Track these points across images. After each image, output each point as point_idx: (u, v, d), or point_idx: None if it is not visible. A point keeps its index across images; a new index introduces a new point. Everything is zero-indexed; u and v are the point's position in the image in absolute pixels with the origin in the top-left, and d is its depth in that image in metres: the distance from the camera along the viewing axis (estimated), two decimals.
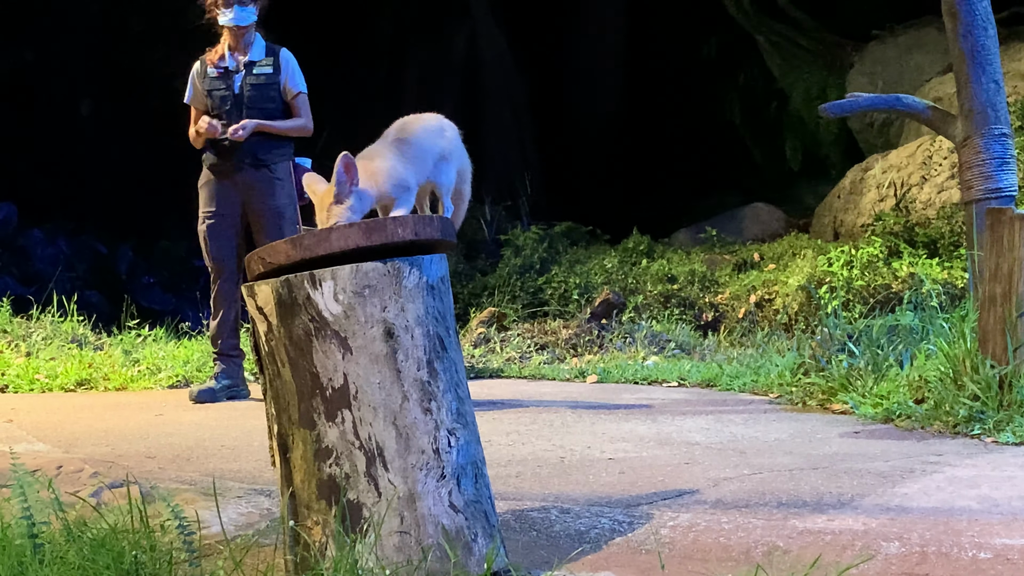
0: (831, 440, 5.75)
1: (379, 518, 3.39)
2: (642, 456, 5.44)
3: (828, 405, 6.88)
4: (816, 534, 3.85)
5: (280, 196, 8.18)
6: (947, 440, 5.63)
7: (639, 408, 7.21)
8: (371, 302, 3.46)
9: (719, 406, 7.21)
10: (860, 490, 4.54)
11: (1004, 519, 3.99)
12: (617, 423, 6.53)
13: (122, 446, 5.92)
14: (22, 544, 3.61)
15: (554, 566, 3.62)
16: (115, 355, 10.08)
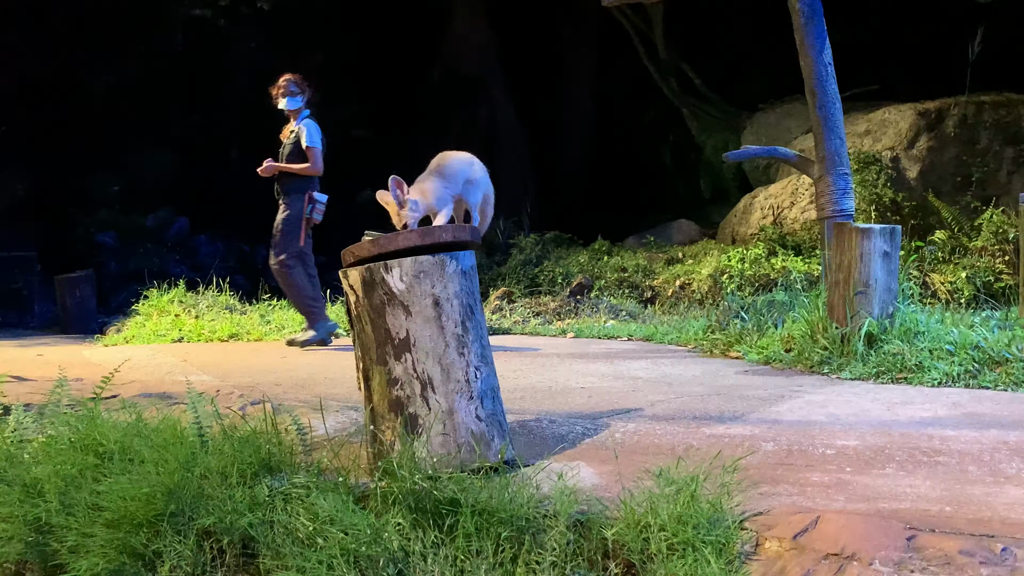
0: (729, 376, 5.74)
1: (429, 425, 3.38)
2: (603, 386, 5.41)
3: (727, 353, 6.87)
4: (718, 437, 3.84)
5: (285, 214, 8.09)
6: (806, 376, 5.62)
7: (602, 355, 7.19)
8: (424, 282, 3.44)
9: (655, 354, 7.19)
10: (748, 408, 4.52)
11: (843, 428, 3.98)
12: (587, 364, 6.51)
13: (258, 378, 5.90)
14: (193, 440, 3.62)
15: (544, 456, 3.62)
16: (254, 318, 10.07)
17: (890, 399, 4.68)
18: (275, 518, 3.09)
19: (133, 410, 3.99)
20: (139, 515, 3.18)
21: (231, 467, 3.35)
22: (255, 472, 3.37)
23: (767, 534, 2.62)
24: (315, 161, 8.09)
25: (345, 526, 2.95)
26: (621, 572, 2.69)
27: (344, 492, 3.15)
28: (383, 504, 3.08)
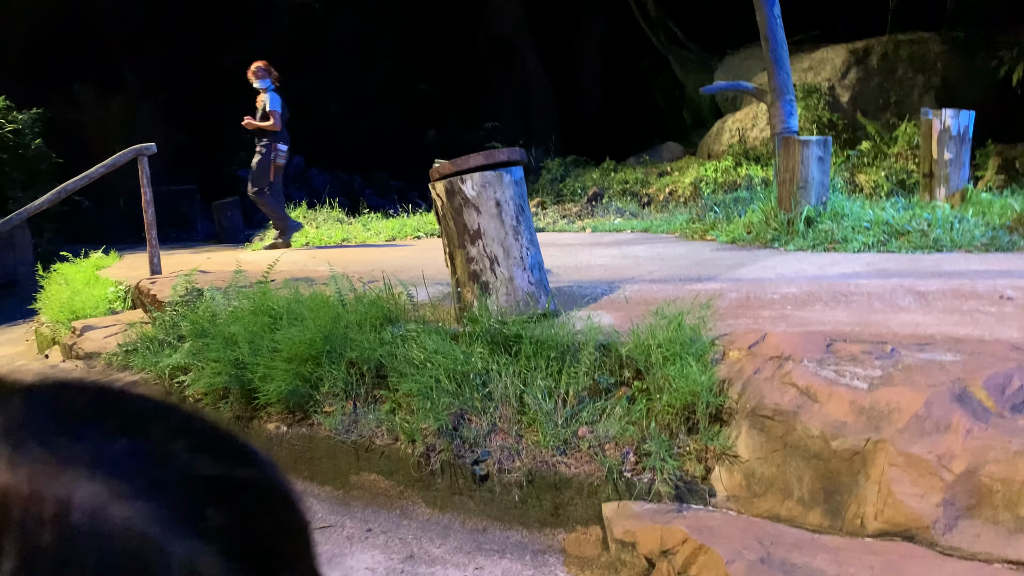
0: (705, 252, 5.90)
1: (496, 288, 3.65)
2: (614, 263, 5.61)
3: (704, 237, 7.02)
4: (697, 291, 4.06)
5: (257, 158, 8.40)
6: (762, 250, 5.77)
7: (612, 243, 7.36)
8: (489, 190, 3.67)
9: (651, 240, 7.36)
10: (718, 272, 4.73)
11: (786, 282, 4.20)
12: (602, 249, 6.70)
13: (367, 267, 6.12)
14: (336, 304, 3.93)
15: (576, 308, 3.88)
16: (357, 227, 10.23)
17: (821, 262, 4.87)
18: (397, 352, 3.41)
19: (291, 286, 4.32)
20: (305, 353, 3.53)
21: (364, 320, 3.67)
22: (380, 323, 3.69)
23: (730, 347, 2.90)
24: (275, 121, 8.33)
25: (445, 355, 3.27)
26: (632, 375, 2.99)
27: (443, 333, 3.46)
28: (469, 340, 3.39)
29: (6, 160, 9.33)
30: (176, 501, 0.24)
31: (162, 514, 0.23)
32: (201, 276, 5.25)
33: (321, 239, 9.49)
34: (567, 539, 2.77)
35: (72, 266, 6.82)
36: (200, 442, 0.27)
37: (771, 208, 6.15)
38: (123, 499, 0.23)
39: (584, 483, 2.79)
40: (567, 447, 2.88)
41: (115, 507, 0.23)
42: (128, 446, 0.25)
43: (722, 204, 7.62)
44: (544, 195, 12.58)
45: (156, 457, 0.25)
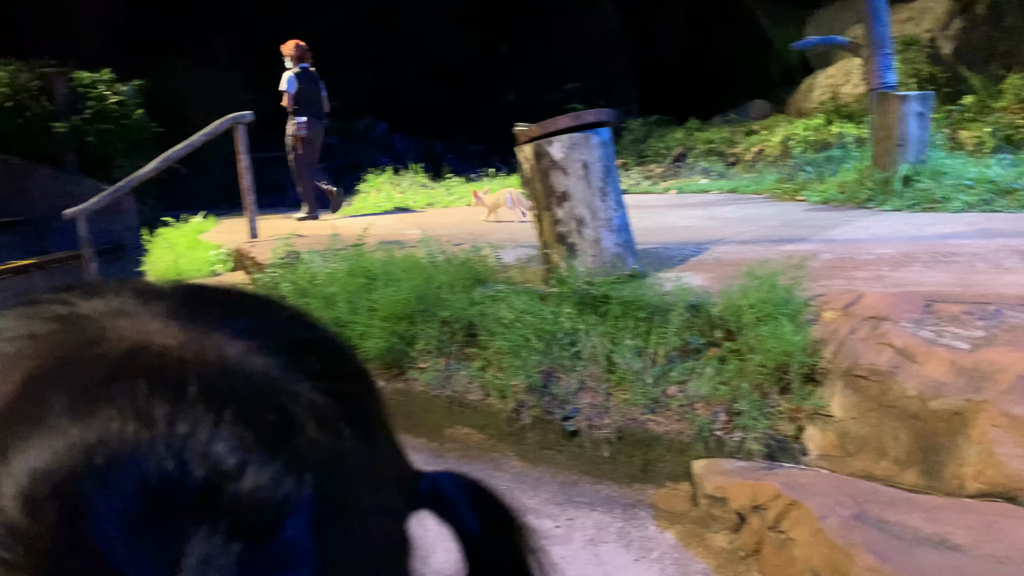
0: (796, 213, 5.80)
1: (583, 250, 3.69)
2: (701, 224, 5.57)
3: (794, 197, 6.86)
4: (789, 252, 4.00)
5: (287, 134, 8.55)
6: (855, 210, 5.62)
7: (698, 204, 7.29)
8: (576, 152, 3.69)
9: (738, 201, 7.24)
10: (810, 233, 4.65)
11: (881, 242, 4.10)
12: (687, 211, 6.64)
13: (453, 230, 6.23)
14: (427, 265, 4.05)
15: (663, 269, 3.90)
16: (441, 191, 10.41)
17: (919, 222, 4.71)
18: (487, 311, 3.51)
19: (384, 249, 4.47)
20: (400, 312, 3.67)
21: (455, 281, 3.79)
22: (470, 283, 3.79)
23: (825, 308, 2.87)
24: (288, 101, 8.43)
25: (534, 314, 3.35)
26: (723, 336, 3.01)
27: (531, 294, 3.54)
28: (557, 301, 3.46)
29: (111, 130, 9.84)
30: (292, 358, 0.33)
31: (285, 365, 0.32)
32: (298, 239, 5.47)
33: (406, 203, 9.70)
34: (656, 494, 2.84)
35: (175, 231, 7.19)
36: (296, 314, 0.38)
37: (866, 167, 5.96)
38: (257, 354, 0.32)
39: (674, 441, 2.84)
40: (656, 406, 2.93)
41: (254, 359, 0.32)
42: (250, 320, 0.34)
43: (813, 163, 7.41)
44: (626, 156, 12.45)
45: (270, 327, 0.35)
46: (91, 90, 9.89)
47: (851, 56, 10.51)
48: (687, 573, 2.42)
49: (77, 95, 9.88)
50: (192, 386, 0.30)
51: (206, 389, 0.30)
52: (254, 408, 0.30)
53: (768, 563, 2.24)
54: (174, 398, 0.29)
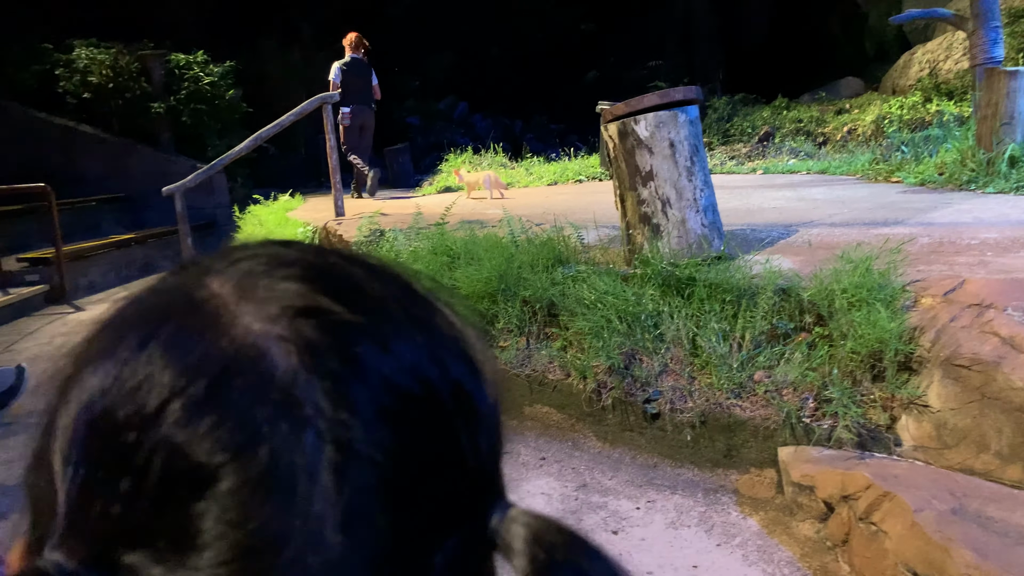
0: (891, 195, 5.57)
1: (668, 231, 3.64)
2: (789, 206, 5.41)
3: (889, 179, 6.59)
4: (884, 236, 3.85)
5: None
6: (956, 193, 5.37)
7: (786, 185, 7.07)
8: (663, 130, 3.64)
9: (829, 182, 7.00)
10: (907, 216, 4.46)
11: (985, 226, 3.90)
12: (774, 192, 6.46)
13: (533, 210, 6.24)
14: (509, 245, 4.08)
15: (750, 252, 3.80)
16: (520, 172, 10.40)
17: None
18: (568, 291, 3.51)
19: (465, 228, 4.52)
20: (481, 291, 3.71)
21: (536, 261, 3.80)
22: (551, 263, 3.80)
23: (923, 294, 2.76)
24: (330, 87, 8.41)
25: (616, 296, 3.33)
26: (813, 321, 2.93)
27: (613, 275, 3.52)
28: (640, 282, 3.43)
29: (204, 110, 10.22)
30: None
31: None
32: (382, 218, 5.58)
33: None
34: (740, 480, 2.80)
35: (264, 208, 7.43)
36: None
37: (968, 147, 5.66)
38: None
39: (759, 427, 2.79)
40: (742, 390, 2.88)
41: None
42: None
43: (910, 143, 7.08)
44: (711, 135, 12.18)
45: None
46: (186, 72, 10.28)
47: (953, 30, 9.98)
48: (771, 560, 2.38)
49: (173, 76, 10.29)
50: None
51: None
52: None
53: (857, 555, 2.18)
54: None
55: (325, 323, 0.33)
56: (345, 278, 0.36)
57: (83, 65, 9.82)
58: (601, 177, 9.33)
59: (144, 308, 0.35)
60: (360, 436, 0.31)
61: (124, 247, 8.15)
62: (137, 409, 0.31)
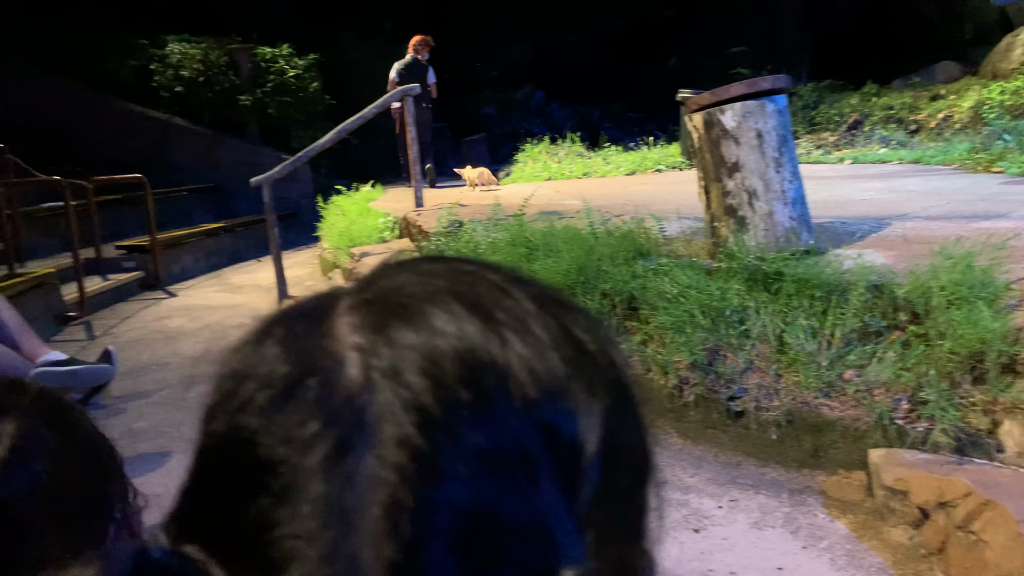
0: (992, 186, 5.31)
1: (754, 223, 3.57)
2: (880, 198, 5.23)
3: (989, 169, 6.28)
4: (984, 230, 3.69)
5: None
6: None
7: (876, 175, 6.83)
8: (750, 120, 3.56)
9: (923, 172, 6.71)
10: (1010, 209, 4.25)
11: None
12: (864, 183, 6.25)
13: (611, 200, 6.16)
14: (588, 236, 4.06)
15: (840, 246, 3.69)
16: (598, 161, 10.30)
17: None
18: (649, 285, 3.47)
19: (543, 220, 4.52)
20: (560, 284, 3.70)
21: (616, 253, 3.77)
22: (632, 256, 3.76)
23: None
24: (388, 86, 8.87)
25: (699, 290, 3.28)
26: (908, 319, 2.82)
27: (696, 268, 3.47)
28: (725, 276, 3.37)
29: (289, 102, 10.51)
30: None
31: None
32: (460, 209, 5.63)
33: (563, 173, 9.70)
34: (827, 481, 2.72)
35: (347, 198, 7.61)
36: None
37: None
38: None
39: (849, 427, 2.71)
40: (831, 390, 2.80)
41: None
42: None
43: (1013, 131, 6.72)
44: (796, 124, 11.76)
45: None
46: (272, 64, 10.58)
47: None
48: (860, 566, 2.31)
49: (259, 69, 10.61)
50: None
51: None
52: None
53: (954, 564, 2.10)
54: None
55: (432, 367, 0.32)
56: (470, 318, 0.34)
57: (176, 60, 10.23)
58: (681, 167, 9.18)
59: (288, 309, 0.37)
60: (426, 490, 0.29)
61: (214, 235, 8.47)
62: (236, 396, 0.33)
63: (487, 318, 0.33)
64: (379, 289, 0.35)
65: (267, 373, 0.32)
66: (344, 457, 0.30)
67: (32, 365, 3.62)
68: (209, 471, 0.33)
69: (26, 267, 6.19)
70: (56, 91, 9.82)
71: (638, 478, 0.36)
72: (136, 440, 3.48)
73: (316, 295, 0.37)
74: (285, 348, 0.33)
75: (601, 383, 0.35)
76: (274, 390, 0.32)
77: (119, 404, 3.97)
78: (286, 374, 0.32)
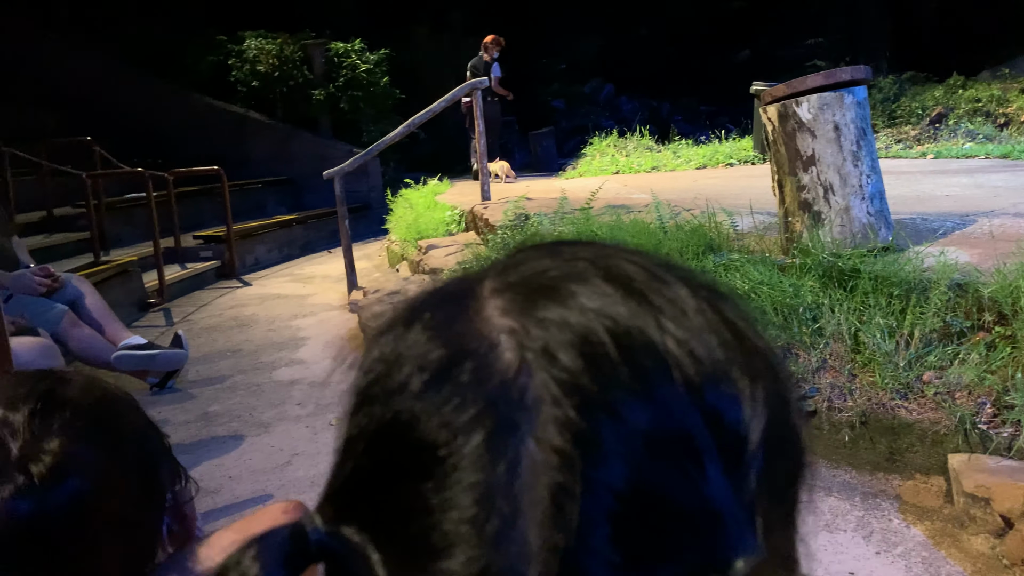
0: None
1: (830, 219, 3.48)
2: (965, 194, 5.02)
3: None
4: None
5: None
6: None
7: (961, 170, 6.55)
8: (827, 112, 3.47)
9: (1012, 168, 6.41)
10: None
11: None
12: (948, 178, 6.00)
13: (680, 195, 6.05)
14: (657, 231, 4.02)
15: (922, 243, 3.57)
16: (667, 155, 10.21)
17: None
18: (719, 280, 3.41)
19: (610, 213, 4.49)
20: None
21: (685, 247, 3.73)
22: (702, 251, 3.71)
23: None
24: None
25: (772, 286, 3.21)
26: (993, 319, 2.71)
27: (769, 264, 3.40)
28: (799, 273, 3.29)
29: (360, 97, 10.69)
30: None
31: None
32: (527, 202, 5.64)
33: (631, 167, 9.63)
34: (903, 486, 2.63)
35: (415, 192, 7.70)
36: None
37: None
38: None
39: (927, 431, 2.62)
40: (908, 391, 2.71)
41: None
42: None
43: None
44: (875, 117, 11.39)
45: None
46: (344, 59, 10.79)
47: None
48: (938, 574, 2.23)
49: (332, 64, 10.83)
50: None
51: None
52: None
53: None
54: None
55: (586, 344, 0.31)
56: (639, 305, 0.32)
57: (252, 55, 10.52)
58: (754, 161, 8.99)
59: (431, 293, 0.37)
60: (590, 472, 0.29)
61: (287, 227, 8.70)
62: (389, 380, 0.33)
63: (640, 299, 0.32)
64: (523, 271, 0.35)
65: (420, 356, 0.32)
66: (505, 441, 0.30)
67: (114, 348, 3.80)
68: (365, 454, 0.33)
69: (110, 255, 6.48)
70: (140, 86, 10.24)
71: (796, 470, 0.36)
72: (211, 423, 3.60)
73: (457, 279, 0.37)
74: (436, 332, 0.33)
75: (761, 371, 0.33)
76: (429, 374, 0.32)
77: (194, 389, 4.12)
78: (440, 357, 0.32)
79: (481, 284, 0.35)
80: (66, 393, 0.72)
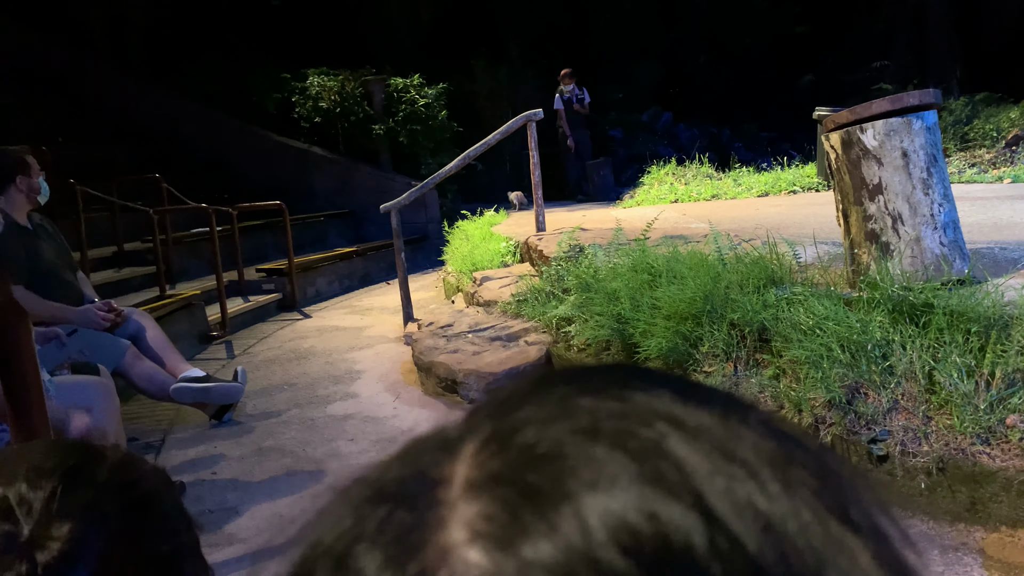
0: None
1: (900, 250, 3.30)
2: None
3: None
4: None
5: None
6: None
7: None
8: (894, 138, 3.31)
9: None
10: None
11: None
12: None
13: (741, 224, 5.95)
14: (715, 263, 3.88)
15: (1001, 275, 3.36)
16: (727, 182, 10.01)
17: None
18: (781, 315, 3.26)
19: (667, 244, 4.37)
20: (685, 312, 3.55)
21: (745, 280, 3.58)
22: (763, 284, 3.56)
23: None
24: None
25: (837, 322, 3.04)
26: None
27: (834, 298, 3.23)
28: (866, 307, 3.11)
29: (419, 131, 10.82)
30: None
31: None
32: (581, 233, 5.56)
33: (690, 196, 9.48)
34: (987, 539, 2.43)
35: (471, 223, 7.71)
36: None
37: None
38: None
39: (1012, 479, 2.42)
40: (991, 436, 2.51)
41: None
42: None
43: None
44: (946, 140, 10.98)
45: None
46: (403, 94, 10.95)
47: None
48: None
49: (392, 99, 11.00)
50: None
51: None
52: None
53: None
54: None
55: None
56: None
57: (315, 92, 10.77)
58: (818, 187, 8.74)
59: (388, 479, 0.27)
60: None
61: (347, 259, 8.80)
62: None
63: (689, 501, 0.22)
64: (515, 444, 0.25)
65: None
66: None
67: (174, 380, 3.85)
68: None
69: (176, 288, 6.63)
70: (207, 122, 10.58)
71: None
72: (264, 459, 3.60)
73: (431, 442, 0.28)
74: (383, 551, 0.24)
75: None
76: None
77: (251, 422, 4.13)
78: None
79: (454, 464, 0.25)
80: (95, 472, 0.67)
